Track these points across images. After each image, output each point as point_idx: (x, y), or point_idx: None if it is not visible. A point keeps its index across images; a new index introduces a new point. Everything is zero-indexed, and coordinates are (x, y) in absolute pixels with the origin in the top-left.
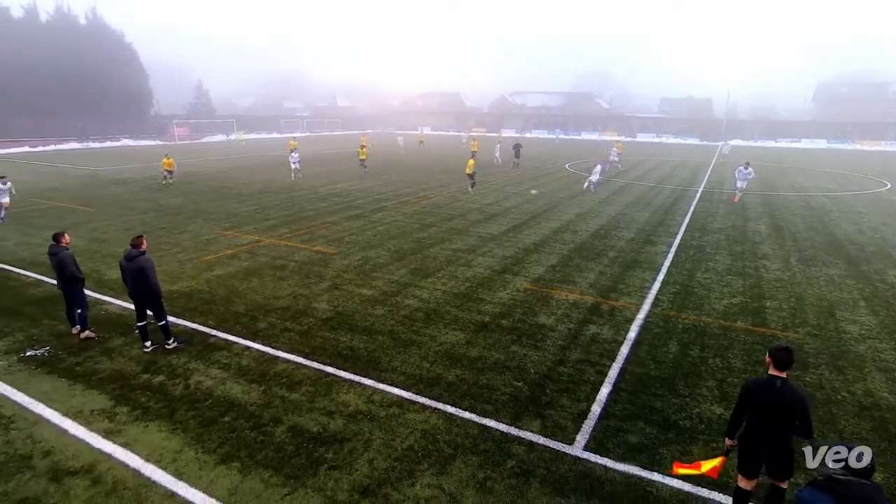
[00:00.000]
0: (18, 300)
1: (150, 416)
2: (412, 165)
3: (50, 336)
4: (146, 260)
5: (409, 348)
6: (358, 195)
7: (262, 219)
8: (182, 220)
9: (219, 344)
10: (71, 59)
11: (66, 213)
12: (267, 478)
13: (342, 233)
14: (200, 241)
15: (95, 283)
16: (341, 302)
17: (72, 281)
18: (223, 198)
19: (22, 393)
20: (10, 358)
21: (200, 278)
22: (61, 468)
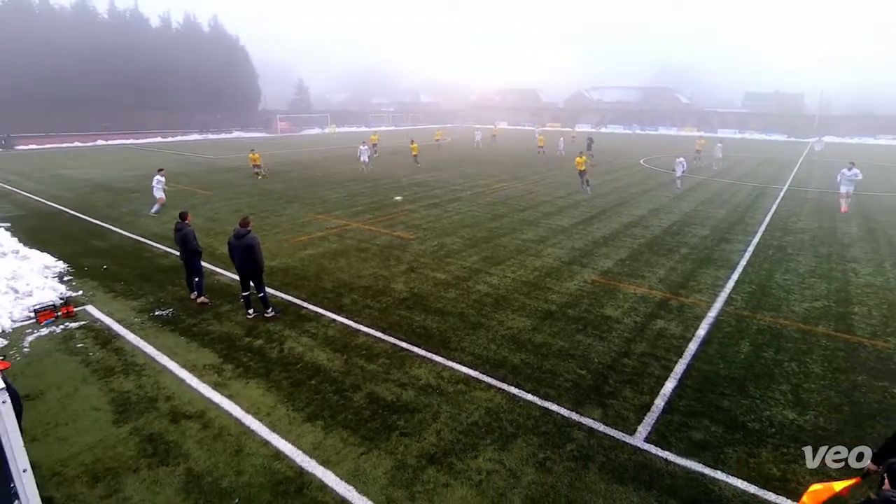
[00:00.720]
0: (151, 268)
1: (250, 374)
2: (487, 158)
3: (173, 300)
4: (253, 238)
5: (478, 330)
6: (436, 186)
7: (350, 205)
8: (281, 205)
9: (309, 315)
10: (196, 61)
11: (188, 196)
12: (346, 437)
13: (420, 220)
14: (296, 224)
15: (210, 257)
16: (417, 284)
17: (193, 253)
18: (317, 185)
19: (151, 346)
20: (142, 316)
21: (295, 256)
22: (179, 412)
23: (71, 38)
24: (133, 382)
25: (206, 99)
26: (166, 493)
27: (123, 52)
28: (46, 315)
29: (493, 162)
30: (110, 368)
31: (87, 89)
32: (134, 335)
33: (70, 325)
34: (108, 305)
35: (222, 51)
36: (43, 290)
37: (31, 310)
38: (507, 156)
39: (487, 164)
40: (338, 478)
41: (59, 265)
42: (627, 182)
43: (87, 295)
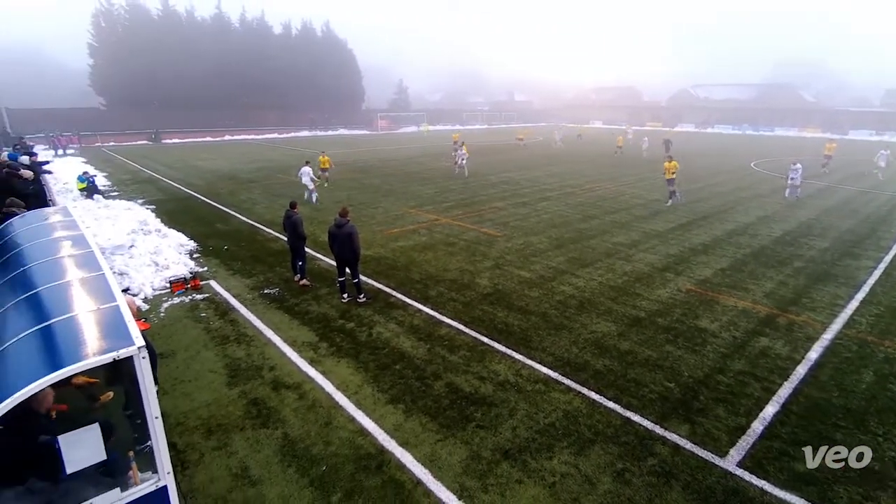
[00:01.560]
0: (263, 251)
1: (342, 354)
2: (577, 158)
3: (280, 280)
4: (352, 227)
5: (560, 332)
6: (525, 184)
7: (441, 201)
8: (378, 198)
9: (397, 303)
10: (310, 64)
11: (297, 187)
12: (425, 422)
13: (508, 218)
14: (390, 217)
15: (312, 243)
16: (501, 280)
17: (299, 238)
18: (411, 181)
19: (259, 320)
20: (254, 293)
21: (387, 247)
22: (280, 381)
23: (209, 46)
24: (244, 351)
25: (316, 98)
26: (265, 452)
27: (250, 57)
28: (178, 286)
29: (585, 161)
30: (226, 337)
31: (219, 90)
32: (246, 309)
33: (196, 296)
34: (227, 281)
35: (332, 53)
36: (177, 265)
37: (167, 281)
38: (600, 155)
39: (580, 164)
40: (415, 460)
41: (190, 244)
42: (734, 186)
43: (211, 271)
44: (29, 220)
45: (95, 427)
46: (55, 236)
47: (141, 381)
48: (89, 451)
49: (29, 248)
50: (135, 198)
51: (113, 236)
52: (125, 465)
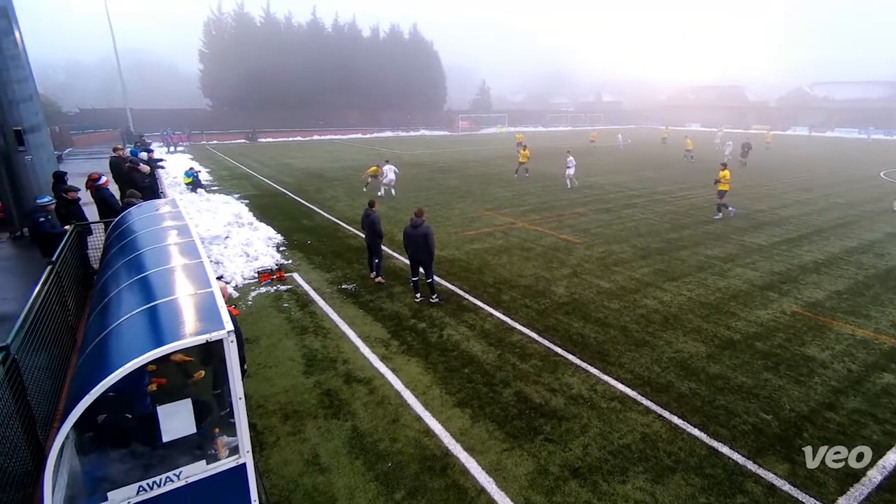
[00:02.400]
0: (342, 247)
1: (412, 353)
2: (670, 162)
3: (357, 277)
4: (428, 227)
5: (641, 348)
6: (610, 189)
7: (519, 204)
8: (454, 199)
9: (469, 306)
10: (395, 66)
11: (376, 186)
12: (491, 430)
13: (589, 224)
14: (466, 218)
15: (388, 242)
16: (579, 290)
17: (377, 236)
18: (489, 182)
19: (336, 314)
20: (332, 287)
21: (462, 249)
22: (352, 375)
23: (303, 50)
24: (320, 342)
25: (400, 99)
26: (335, 442)
27: (339, 60)
28: (265, 277)
29: (678, 167)
30: (305, 328)
31: (310, 92)
32: (324, 302)
33: (281, 287)
34: (308, 275)
35: (418, 55)
36: (265, 257)
37: (256, 271)
38: (685, 160)
39: (672, 169)
40: (480, 467)
41: (277, 237)
42: (856, 198)
43: (295, 264)
44: (144, 210)
45: (188, 402)
46: (164, 225)
47: (228, 362)
48: (182, 424)
49: (143, 234)
50: (232, 192)
51: (211, 227)
52: (211, 440)
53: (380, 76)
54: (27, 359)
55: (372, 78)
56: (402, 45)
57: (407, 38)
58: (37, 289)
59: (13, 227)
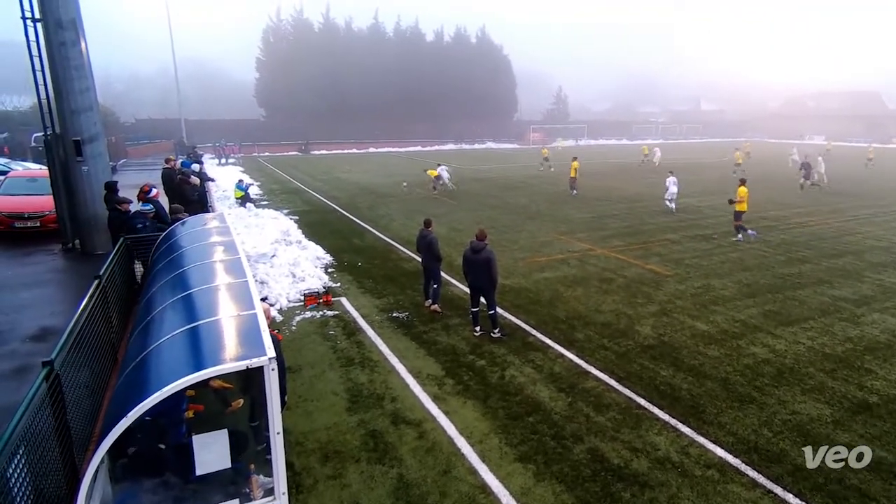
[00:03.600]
0: (396, 270)
1: (468, 394)
2: (781, 182)
3: (410, 304)
4: (490, 252)
5: (747, 406)
6: (709, 213)
7: (598, 227)
8: (522, 220)
9: (536, 344)
10: (461, 73)
11: (437, 204)
12: (558, 492)
13: (682, 253)
14: (536, 242)
15: (446, 267)
16: (668, 331)
17: (435, 259)
18: (562, 202)
19: (385, 345)
20: (382, 315)
21: (530, 278)
22: (400, 415)
23: (362, 57)
24: (367, 376)
25: (464, 109)
26: (378, 491)
27: (399, 67)
28: (311, 300)
29: (791, 188)
30: (351, 359)
31: (367, 101)
32: (373, 332)
33: (327, 312)
34: (357, 300)
35: (486, 60)
36: (312, 278)
37: (302, 294)
38: (773, 179)
39: (784, 191)
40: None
41: (326, 257)
42: None
43: (343, 287)
44: (192, 224)
45: (224, 433)
46: (211, 241)
47: (268, 392)
48: (217, 457)
49: (189, 250)
50: (281, 208)
51: (258, 244)
52: (246, 478)
53: (443, 84)
54: (70, 375)
55: (434, 86)
56: (469, 49)
57: (474, 41)
58: (82, 304)
59: (66, 237)
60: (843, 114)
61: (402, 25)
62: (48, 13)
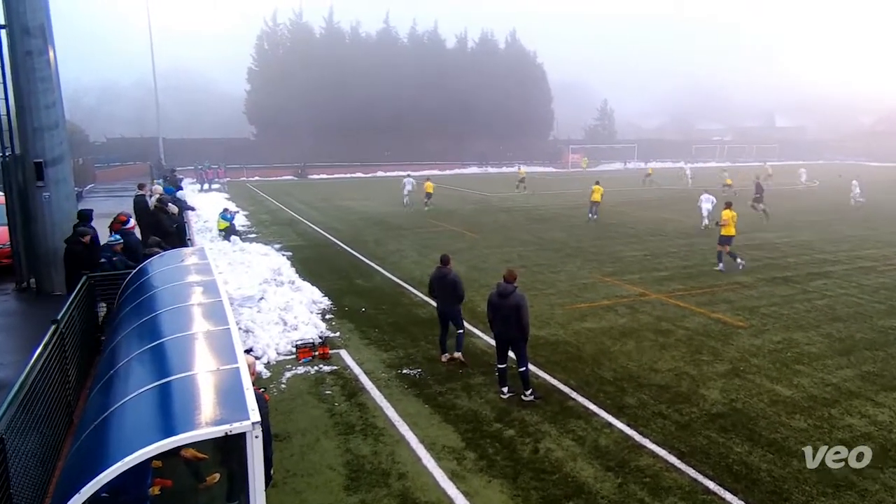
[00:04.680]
0: (406, 318)
1: (494, 471)
2: (877, 214)
3: (423, 359)
4: (522, 297)
5: (844, 492)
6: (789, 251)
7: (652, 268)
8: (560, 258)
9: (577, 410)
10: (487, 83)
11: (455, 238)
12: None
13: (757, 300)
14: (576, 285)
15: (468, 314)
16: (742, 396)
17: (458, 299)
18: (609, 237)
19: (393, 409)
20: (390, 371)
21: (569, 328)
22: (410, 496)
23: (369, 67)
24: (370, 447)
25: (490, 127)
26: None
27: (415, 78)
28: (305, 353)
29: (887, 219)
30: (351, 426)
31: (375, 118)
32: (379, 392)
33: (324, 367)
34: (360, 353)
35: (516, 69)
36: (307, 326)
37: (294, 345)
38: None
39: (879, 221)
40: None
41: (324, 301)
42: None
43: (343, 338)
44: (167, 261)
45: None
46: (188, 280)
47: (250, 464)
48: None
49: (163, 291)
50: (272, 242)
51: (244, 285)
52: None
53: (465, 97)
54: (15, 441)
55: (455, 99)
56: (497, 56)
57: (503, 48)
58: (35, 354)
59: (20, 275)
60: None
61: (419, 30)
62: (14, 18)
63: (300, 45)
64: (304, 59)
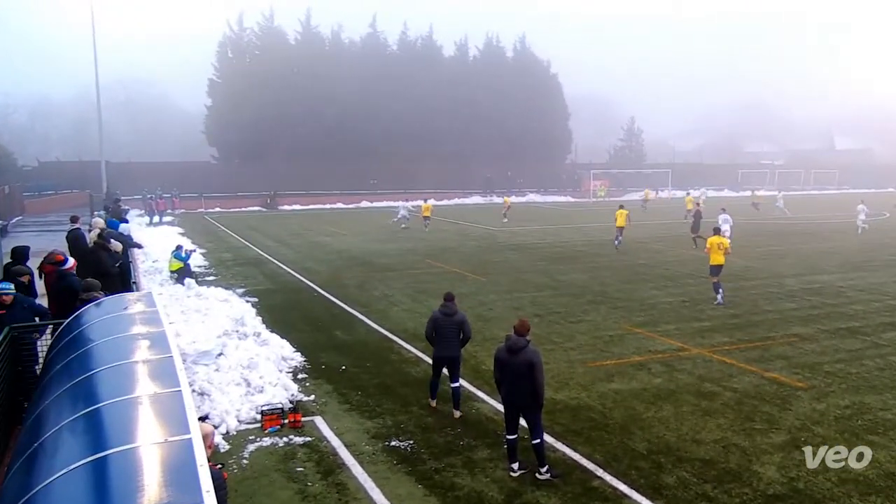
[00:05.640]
0: (395, 378)
1: None
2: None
3: (416, 428)
4: (535, 353)
5: None
6: (855, 296)
7: (691, 316)
8: (581, 305)
9: (603, 491)
10: (491, 97)
11: (455, 280)
12: None
13: (819, 356)
14: (600, 338)
15: (471, 372)
16: (804, 473)
17: (464, 339)
18: (639, 279)
19: (379, 490)
20: (375, 444)
21: (593, 390)
22: None
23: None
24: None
25: (496, 148)
26: None
27: (408, 92)
28: (272, 421)
29: None
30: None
31: (362, 138)
32: (362, 469)
33: (295, 438)
34: (339, 421)
35: (526, 82)
36: (275, 387)
37: (259, 411)
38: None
39: None
40: None
41: (296, 358)
42: None
43: (319, 402)
44: (106, 309)
45: None
46: (132, 332)
47: None
48: None
49: (99, 346)
50: (234, 286)
51: (200, 338)
52: None
53: (467, 113)
54: None
55: (454, 116)
56: (503, 67)
57: (510, 56)
58: None
59: None
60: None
61: (410, 35)
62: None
63: (271, 52)
64: (276, 69)
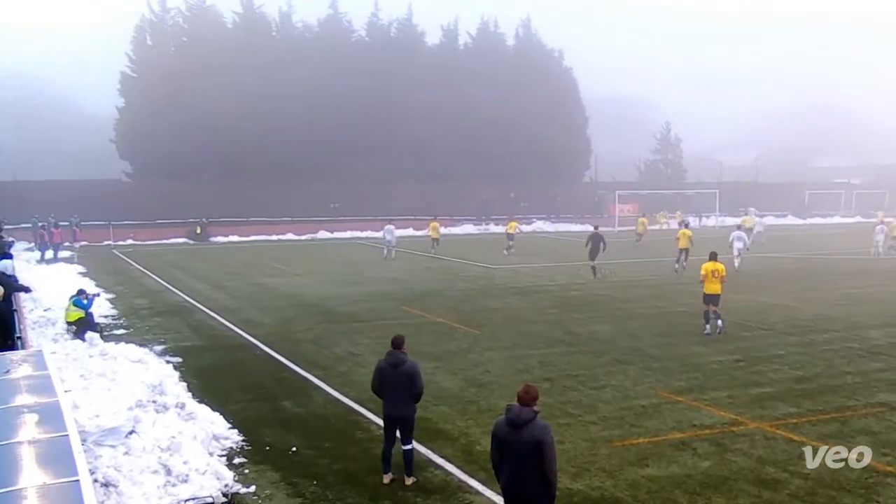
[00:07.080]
0: (363, 462)
1: None
2: None
3: None
4: (545, 429)
5: None
6: None
7: (748, 380)
8: (605, 365)
9: None
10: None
11: (442, 335)
12: None
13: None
14: (630, 408)
15: (462, 453)
16: None
17: (415, 396)
18: (679, 331)
19: None
20: None
21: (620, 477)
22: None
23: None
24: None
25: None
26: None
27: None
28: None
29: None
30: None
31: (320, 151)
32: None
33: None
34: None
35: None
36: (203, 476)
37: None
38: None
39: None
40: None
41: (231, 436)
42: None
43: (262, 495)
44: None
45: None
46: (15, 403)
47: None
48: None
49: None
50: (151, 342)
51: (105, 411)
52: None
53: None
54: None
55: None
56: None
57: (512, 45)
58: None
59: None
60: None
61: (383, 18)
62: None
63: (202, 39)
64: (208, 60)
